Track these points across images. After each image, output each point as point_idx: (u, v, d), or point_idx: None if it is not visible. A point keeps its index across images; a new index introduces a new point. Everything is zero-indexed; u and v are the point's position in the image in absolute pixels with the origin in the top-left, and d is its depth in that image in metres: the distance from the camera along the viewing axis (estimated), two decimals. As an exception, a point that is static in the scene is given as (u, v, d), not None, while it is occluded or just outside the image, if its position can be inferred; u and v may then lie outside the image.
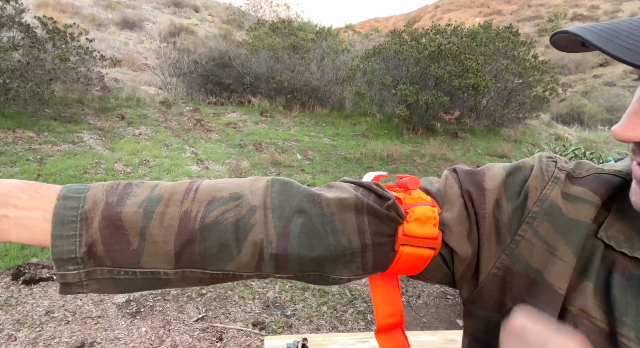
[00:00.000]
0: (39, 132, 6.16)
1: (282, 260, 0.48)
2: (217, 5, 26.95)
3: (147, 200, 0.46)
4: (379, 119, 9.37)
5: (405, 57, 8.76)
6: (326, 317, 2.93)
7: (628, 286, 0.42)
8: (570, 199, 0.47)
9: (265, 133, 8.03)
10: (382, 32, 21.49)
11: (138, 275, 0.46)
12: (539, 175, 0.49)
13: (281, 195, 0.49)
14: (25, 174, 4.77)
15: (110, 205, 0.45)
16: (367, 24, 45.66)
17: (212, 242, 0.46)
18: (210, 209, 0.47)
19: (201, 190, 0.49)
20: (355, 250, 0.49)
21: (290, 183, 0.51)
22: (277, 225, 0.47)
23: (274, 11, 22.66)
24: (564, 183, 0.48)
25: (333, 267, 0.49)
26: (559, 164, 0.50)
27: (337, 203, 0.49)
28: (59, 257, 0.43)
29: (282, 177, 0.50)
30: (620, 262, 0.43)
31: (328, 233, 0.48)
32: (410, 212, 0.49)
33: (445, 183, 0.54)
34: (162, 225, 0.45)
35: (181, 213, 0.46)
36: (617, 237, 0.44)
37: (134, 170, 5.47)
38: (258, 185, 0.50)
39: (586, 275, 0.44)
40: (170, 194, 0.47)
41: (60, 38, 7.47)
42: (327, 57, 10.78)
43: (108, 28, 16.52)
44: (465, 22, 11.55)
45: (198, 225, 0.46)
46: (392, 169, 6.66)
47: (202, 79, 10.13)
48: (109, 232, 0.44)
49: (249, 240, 0.47)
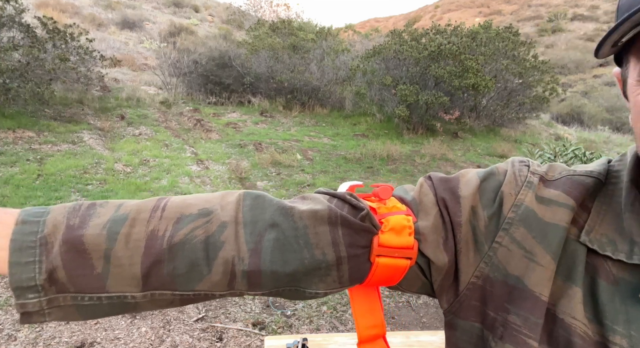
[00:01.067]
0: (39, 132, 6.16)
1: (255, 277, 0.46)
2: (217, 5, 26.95)
3: (111, 221, 0.44)
4: (379, 119, 9.36)
5: (405, 57, 8.76)
6: (326, 317, 2.93)
7: (616, 292, 0.41)
8: (545, 203, 0.47)
9: (265, 133, 8.03)
10: (382, 32, 21.49)
11: (104, 300, 0.43)
12: (512, 180, 0.49)
13: (253, 209, 0.48)
14: (25, 174, 4.78)
15: (71, 228, 0.43)
16: (367, 24, 45.65)
17: (181, 261, 0.44)
18: (178, 227, 0.45)
19: (169, 207, 0.47)
20: (330, 263, 0.47)
21: (262, 197, 0.49)
22: (248, 241, 0.46)
23: (274, 11, 22.66)
24: (537, 187, 0.48)
25: (309, 281, 0.48)
26: (532, 167, 0.50)
27: (310, 215, 0.48)
28: (18, 285, 0.41)
29: (254, 190, 0.51)
30: (603, 267, 0.43)
31: (302, 246, 0.47)
32: (384, 221, 0.48)
33: (420, 192, 0.53)
34: (127, 247, 0.43)
35: (148, 233, 0.44)
36: (599, 239, 0.43)
37: (134, 170, 5.47)
38: (229, 199, 0.48)
39: (573, 281, 0.43)
40: (136, 213, 0.45)
41: (60, 38, 7.47)
42: (327, 57, 10.78)
43: (108, 28, 16.51)
44: (465, 22, 11.55)
45: (166, 244, 0.44)
46: (392, 169, 6.66)
47: (202, 79, 10.13)
48: (71, 256, 0.42)
49: (219, 258, 0.45)
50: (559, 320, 0.43)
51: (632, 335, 0.39)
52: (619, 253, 0.42)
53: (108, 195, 4.58)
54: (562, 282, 0.44)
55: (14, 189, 4.38)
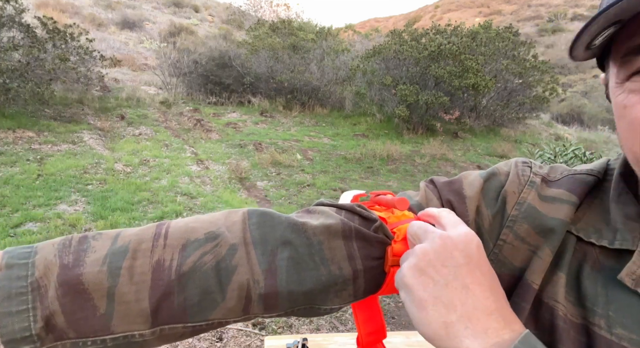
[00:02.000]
0: (39, 132, 6.16)
1: (272, 299, 0.44)
2: (217, 5, 26.95)
3: (111, 255, 0.41)
4: (379, 119, 9.37)
5: (405, 57, 8.76)
6: (326, 317, 2.93)
7: (598, 276, 0.43)
8: (547, 200, 0.48)
9: (265, 133, 8.03)
10: (382, 32, 21.48)
11: (108, 342, 0.40)
12: (515, 179, 0.50)
13: (261, 227, 0.46)
14: (25, 174, 4.78)
15: (66, 267, 0.39)
16: (367, 24, 45.64)
17: (192, 291, 0.42)
18: (185, 255, 0.42)
19: (171, 234, 0.44)
20: (347, 278, 0.47)
21: (269, 214, 0.47)
22: (261, 261, 0.44)
23: (274, 11, 22.66)
24: (540, 187, 0.49)
25: (324, 298, 0.47)
26: (534, 168, 0.52)
27: (323, 230, 0.47)
28: (11, 337, 0.36)
29: (259, 207, 0.49)
30: (590, 254, 0.44)
31: (318, 263, 0.45)
32: (397, 231, 0.48)
33: (425, 196, 0.54)
34: (132, 282, 0.40)
35: (153, 264, 0.41)
36: (585, 229, 0.45)
37: (134, 170, 5.47)
38: (234, 219, 0.46)
39: (560, 268, 0.45)
40: (137, 244, 0.42)
41: (60, 38, 7.48)
42: (327, 57, 10.78)
43: (108, 28, 16.52)
44: (465, 22, 11.55)
45: (174, 275, 0.41)
46: (392, 169, 6.66)
47: (202, 79, 10.13)
48: (70, 299, 0.38)
49: (233, 282, 0.43)
50: (544, 304, 0.45)
51: (609, 315, 0.41)
52: (603, 240, 0.44)
53: (108, 195, 4.58)
54: (551, 270, 0.46)
55: (14, 189, 4.38)
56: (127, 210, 4.25)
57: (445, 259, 0.40)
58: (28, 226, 3.75)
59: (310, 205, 0.54)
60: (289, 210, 4.67)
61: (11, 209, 3.99)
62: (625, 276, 0.40)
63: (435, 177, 0.56)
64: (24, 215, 3.87)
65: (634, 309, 0.40)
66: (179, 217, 4.30)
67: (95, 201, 4.38)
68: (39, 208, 4.09)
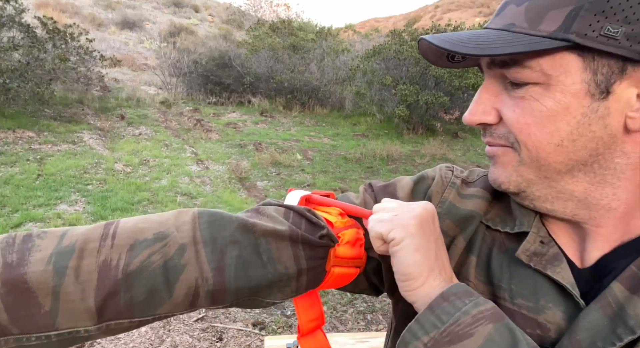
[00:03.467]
0: (39, 132, 6.16)
1: (219, 294, 0.46)
2: (217, 5, 26.95)
3: (56, 254, 0.41)
4: (379, 119, 9.37)
5: (405, 57, 8.76)
6: (326, 317, 2.93)
7: (504, 258, 0.51)
8: (465, 197, 0.56)
9: (265, 133, 8.03)
10: (382, 32, 21.48)
11: (53, 338, 0.40)
12: (439, 181, 0.58)
13: (211, 226, 0.47)
14: (25, 174, 4.78)
15: (9, 266, 0.39)
16: (367, 24, 45.62)
17: (139, 289, 0.42)
18: (133, 255, 0.43)
19: (120, 234, 0.44)
20: (292, 275, 0.50)
21: (219, 214, 0.49)
22: (211, 260, 0.45)
23: (274, 11, 22.65)
24: (460, 187, 0.57)
25: (268, 292, 0.50)
26: (455, 172, 0.59)
27: (272, 233, 0.49)
28: None
29: (208, 209, 0.50)
30: (497, 239, 0.52)
31: (265, 262, 0.48)
32: (341, 235, 0.53)
33: (364, 200, 0.60)
34: (78, 281, 0.40)
35: (99, 264, 0.42)
36: (493, 219, 0.54)
37: (134, 170, 5.48)
38: (184, 219, 0.47)
39: (472, 252, 0.53)
40: (84, 243, 0.42)
41: (60, 38, 7.47)
42: (327, 57, 10.78)
43: (108, 28, 16.52)
44: (465, 22, 11.55)
45: (121, 274, 0.42)
46: (392, 169, 6.66)
47: (202, 79, 10.13)
48: (13, 297, 0.38)
49: (181, 281, 0.44)
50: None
51: (512, 288, 0.49)
52: (506, 227, 0.52)
53: (108, 195, 4.58)
54: (466, 255, 0.54)
55: (14, 189, 4.38)
56: (127, 210, 4.25)
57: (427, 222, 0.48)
58: (28, 226, 3.75)
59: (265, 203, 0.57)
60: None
61: (11, 209, 3.99)
62: (522, 253, 0.48)
63: (373, 181, 0.63)
64: (24, 215, 3.87)
65: (529, 281, 0.48)
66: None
67: (95, 201, 4.38)
68: (39, 208, 4.09)
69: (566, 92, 0.43)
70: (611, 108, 0.42)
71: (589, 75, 0.42)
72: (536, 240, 0.49)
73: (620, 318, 0.42)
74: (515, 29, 0.44)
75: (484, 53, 0.42)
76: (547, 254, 0.48)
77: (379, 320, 2.99)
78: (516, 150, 0.47)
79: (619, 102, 0.42)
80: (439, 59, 0.51)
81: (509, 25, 0.44)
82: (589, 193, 0.46)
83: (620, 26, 0.39)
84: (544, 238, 0.49)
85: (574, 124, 0.43)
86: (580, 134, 0.43)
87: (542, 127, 0.44)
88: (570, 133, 0.43)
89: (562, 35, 0.41)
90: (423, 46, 0.48)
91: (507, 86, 0.47)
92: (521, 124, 0.45)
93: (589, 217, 0.47)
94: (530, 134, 0.45)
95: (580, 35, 0.40)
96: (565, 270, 0.47)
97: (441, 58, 0.50)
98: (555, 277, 0.46)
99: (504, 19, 0.45)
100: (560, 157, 0.45)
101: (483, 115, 0.48)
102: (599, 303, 0.43)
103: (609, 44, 0.40)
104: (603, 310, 0.43)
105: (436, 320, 0.41)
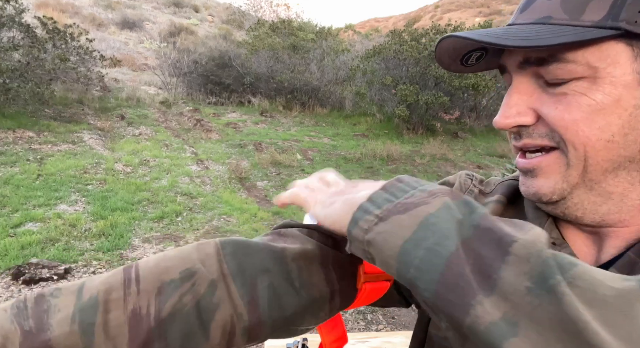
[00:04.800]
0: (39, 132, 6.16)
1: (256, 330, 0.44)
2: (217, 5, 26.95)
3: (80, 312, 0.37)
4: (379, 119, 9.37)
5: (405, 57, 8.76)
6: (326, 317, 2.93)
7: None
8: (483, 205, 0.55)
9: (265, 133, 8.03)
10: (382, 32, 21.47)
11: None
12: (458, 187, 0.58)
13: (237, 257, 0.44)
14: (25, 174, 4.78)
15: (29, 334, 0.36)
16: (367, 24, 45.60)
17: (173, 335, 0.40)
18: (163, 299, 0.40)
19: (144, 277, 0.41)
20: (325, 298, 0.48)
21: (243, 242, 0.46)
22: (242, 293, 0.43)
23: (274, 11, 22.65)
24: (477, 196, 0.57)
25: (302, 319, 0.48)
26: (474, 181, 0.59)
27: (301, 256, 0.47)
28: None
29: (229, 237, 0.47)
30: None
31: (298, 288, 0.46)
32: None
33: None
34: (109, 337, 0.37)
35: (128, 314, 0.39)
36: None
37: (134, 170, 5.47)
38: (207, 251, 0.44)
39: None
40: (106, 294, 0.39)
41: (60, 38, 7.48)
42: (327, 57, 10.78)
43: (108, 28, 16.52)
44: (465, 22, 11.55)
45: (154, 322, 0.39)
46: (392, 169, 6.66)
47: (202, 79, 10.13)
48: None
49: (216, 321, 0.42)
50: None
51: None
52: None
53: (108, 195, 4.57)
54: None
55: (14, 189, 4.38)
56: (127, 210, 4.25)
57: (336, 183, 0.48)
58: (28, 226, 3.75)
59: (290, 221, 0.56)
60: (289, 210, 4.68)
61: (11, 209, 3.99)
62: None
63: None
64: (24, 215, 3.87)
65: None
66: (179, 217, 4.30)
67: (95, 201, 4.37)
68: (39, 208, 4.09)
69: (616, 83, 0.40)
70: None
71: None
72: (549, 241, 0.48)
73: None
74: (553, 21, 0.41)
75: (533, 44, 0.39)
76: None
77: (379, 320, 2.99)
78: (563, 151, 0.44)
79: None
80: (453, 62, 0.48)
81: (545, 18, 0.42)
82: (626, 195, 0.44)
83: None
84: (557, 239, 0.48)
85: (625, 117, 0.40)
86: (633, 127, 0.41)
87: (591, 123, 0.41)
88: (622, 127, 0.41)
89: (611, 23, 0.38)
90: (444, 46, 0.45)
91: (542, 85, 0.44)
92: (567, 121, 0.42)
93: (617, 220, 0.45)
94: (579, 130, 0.42)
95: (631, 23, 0.38)
96: None
97: (455, 61, 0.48)
98: None
99: (535, 13, 0.43)
100: (611, 153, 0.42)
101: (518, 116, 0.45)
102: None
103: None
104: None
105: (390, 196, 0.37)
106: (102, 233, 3.77)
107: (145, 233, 3.89)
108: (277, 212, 4.70)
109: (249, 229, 4.15)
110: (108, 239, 3.68)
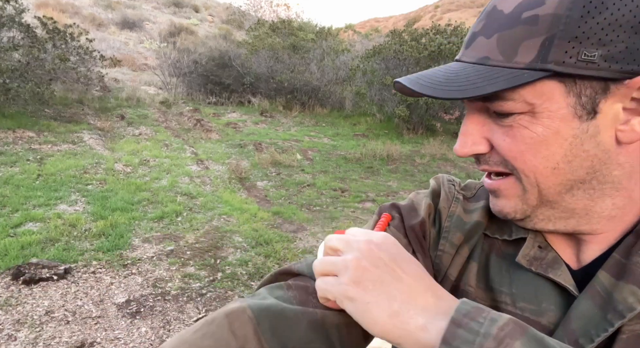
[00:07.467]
0: (39, 132, 6.16)
1: None
2: (217, 5, 26.95)
3: None
4: (379, 119, 9.37)
5: (405, 57, 8.76)
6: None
7: (503, 263, 0.52)
8: (469, 212, 0.57)
9: (265, 133, 8.03)
10: (382, 32, 21.47)
11: None
12: (445, 197, 0.60)
13: (276, 332, 0.42)
14: (25, 174, 4.78)
15: None
16: (367, 24, 45.59)
17: None
18: None
19: None
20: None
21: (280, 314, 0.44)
22: None
23: (274, 11, 22.64)
24: (463, 202, 0.59)
25: None
26: (457, 186, 0.61)
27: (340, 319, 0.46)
28: None
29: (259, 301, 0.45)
30: (495, 246, 0.54)
31: None
32: None
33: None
34: None
35: None
36: (491, 227, 0.55)
37: (134, 170, 5.47)
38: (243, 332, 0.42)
39: (474, 258, 0.54)
40: None
41: (60, 38, 7.48)
42: (327, 57, 10.78)
43: (108, 28, 16.52)
44: (465, 22, 11.54)
45: None
46: (392, 169, 6.66)
47: (202, 79, 10.14)
48: None
49: None
50: (460, 290, 0.54)
51: (513, 292, 0.49)
52: (504, 235, 0.54)
53: (108, 195, 4.57)
54: (467, 262, 0.55)
55: (14, 189, 4.38)
56: (127, 210, 4.25)
57: (375, 261, 0.43)
58: (28, 226, 3.75)
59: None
60: (289, 210, 4.68)
61: (11, 209, 3.99)
62: (522, 258, 0.49)
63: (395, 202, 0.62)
64: (24, 215, 3.87)
65: (530, 285, 0.49)
66: (179, 217, 4.30)
67: (95, 201, 4.37)
68: (39, 208, 4.09)
69: (553, 117, 0.43)
70: (600, 126, 0.42)
71: (574, 99, 0.42)
72: (534, 245, 0.50)
73: (609, 304, 0.43)
74: (491, 62, 0.43)
75: (467, 96, 0.42)
76: (546, 258, 0.49)
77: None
78: (518, 178, 0.47)
79: (607, 119, 0.42)
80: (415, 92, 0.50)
81: (484, 59, 0.44)
82: (589, 209, 0.46)
83: (596, 49, 0.39)
84: (541, 243, 0.50)
85: (566, 146, 0.43)
86: (575, 155, 0.43)
87: (536, 153, 0.44)
88: (565, 155, 0.44)
89: (541, 65, 0.40)
90: (397, 87, 0.48)
91: (492, 115, 0.47)
92: (514, 152, 0.45)
93: (590, 229, 0.48)
94: (526, 160, 0.45)
95: (559, 63, 0.40)
96: (565, 273, 0.47)
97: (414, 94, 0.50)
98: (557, 279, 0.47)
99: (476, 52, 0.45)
100: (559, 179, 0.45)
101: (474, 146, 0.48)
102: (588, 292, 0.44)
103: (588, 68, 0.40)
104: (592, 299, 0.44)
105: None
106: (102, 233, 3.77)
107: (145, 233, 3.89)
108: (277, 212, 4.70)
109: (249, 229, 4.15)
110: (108, 239, 3.68)
